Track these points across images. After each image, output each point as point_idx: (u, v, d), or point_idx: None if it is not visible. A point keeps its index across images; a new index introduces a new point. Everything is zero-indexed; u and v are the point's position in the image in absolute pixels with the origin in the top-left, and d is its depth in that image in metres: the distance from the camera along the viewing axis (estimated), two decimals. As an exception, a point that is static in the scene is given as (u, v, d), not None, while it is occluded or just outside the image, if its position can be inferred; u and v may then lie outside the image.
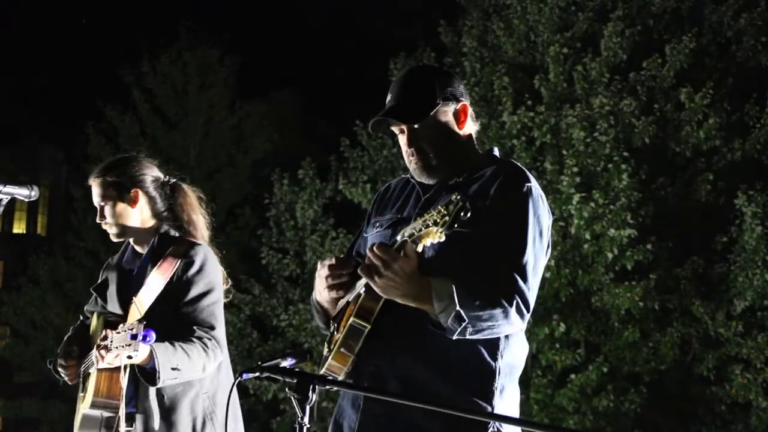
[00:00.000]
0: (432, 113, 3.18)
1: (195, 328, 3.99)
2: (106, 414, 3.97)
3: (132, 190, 4.21)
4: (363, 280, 3.04)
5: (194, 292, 4.04)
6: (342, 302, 3.22)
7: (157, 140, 23.41)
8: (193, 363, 3.91)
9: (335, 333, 3.19)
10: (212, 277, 4.11)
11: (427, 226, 2.79)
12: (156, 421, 3.96)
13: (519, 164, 3.24)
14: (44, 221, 41.21)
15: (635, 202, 13.61)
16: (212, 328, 4.02)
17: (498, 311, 2.94)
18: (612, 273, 13.48)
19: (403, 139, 3.22)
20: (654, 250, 13.57)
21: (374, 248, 2.92)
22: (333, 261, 3.23)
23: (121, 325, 3.77)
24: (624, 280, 13.41)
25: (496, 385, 3.07)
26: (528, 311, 3.00)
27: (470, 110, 3.27)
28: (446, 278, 2.92)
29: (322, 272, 3.24)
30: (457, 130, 3.24)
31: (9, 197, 4.12)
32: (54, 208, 39.37)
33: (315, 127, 24.20)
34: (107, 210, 4.18)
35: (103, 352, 3.76)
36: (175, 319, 3.99)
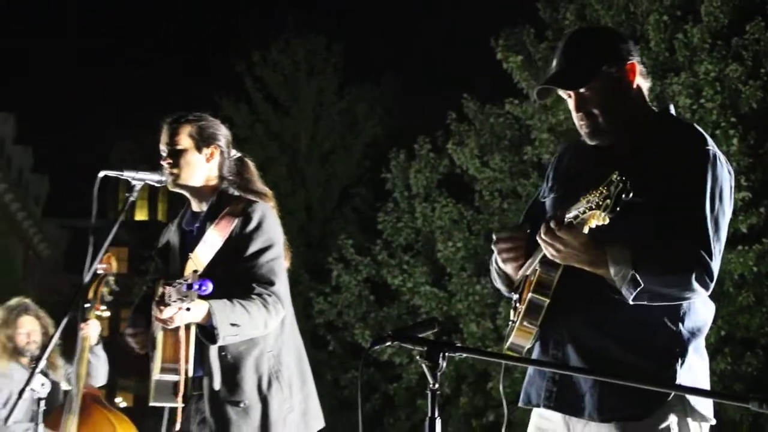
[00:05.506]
0: (596, 77, 3.02)
1: (254, 285, 3.82)
2: (175, 378, 3.82)
3: (211, 145, 4.07)
4: (539, 255, 2.99)
5: (252, 248, 3.88)
6: (521, 273, 3.16)
7: (270, 126, 23.86)
8: (253, 319, 3.74)
9: (518, 304, 3.13)
10: (271, 233, 3.94)
11: (591, 209, 2.70)
12: (218, 382, 3.83)
13: (697, 126, 3.08)
14: (165, 208, 42.17)
15: (745, 167, 13.28)
16: (271, 283, 3.85)
17: (677, 279, 2.85)
18: (724, 238, 13.19)
19: (571, 104, 3.08)
20: (765, 213, 13.25)
21: (547, 231, 2.87)
22: (505, 235, 3.17)
23: (177, 280, 3.64)
24: (736, 245, 13.13)
25: (677, 351, 2.95)
26: (711, 280, 2.86)
27: (639, 67, 3.09)
28: (623, 245, 2.84)
29: (496, 246, 3.19)
30: (625, 90, 3.06)
31: (142, 183, 4.20)
32: (173, 195, 40.12)
33: (423, 108, 24.26)
34: (182, 156, 4.03)
35: (162, 307, 3.61)
36: (234, 278, 3.84)
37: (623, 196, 2.60)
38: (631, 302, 2.85)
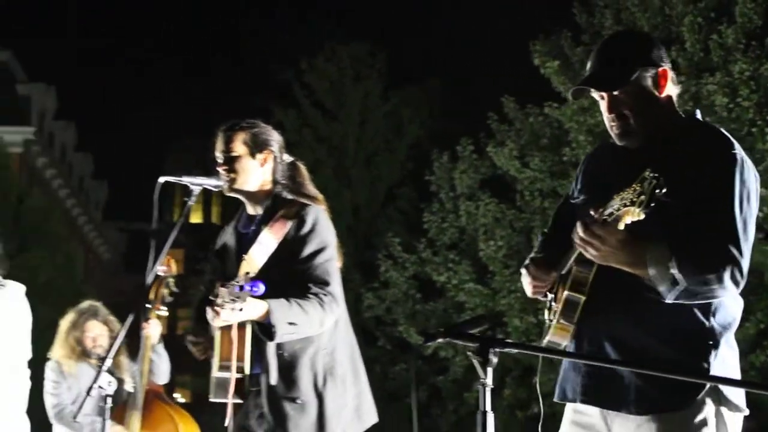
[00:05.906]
0: (630, 80, 3.03)
1: (310, 285, 3.84)
2: (229, 375, 3.84)
3: (265, 151, 4.08)
4: (573, 255, 3.00)
5: (307, 250, 3.89)
6: (555, 274, 3.16)
7: (318, 131, 24.02)
8: (310, 318, 3.77)
9: (553, 303, 3.14)
10: (325, 235, 3.94)
11: (625, 205, 2.70)
12: (274, 378, 3.85)
13: (722, 130, 3.08)
14: (218, 211, 42.51)
15: (780, 163, 13.14)
16: (327, 284, 3.87)
17: (713, 277, 2.83)
18: (761, 233, 13.04)
19: (603, 105, 3.09)
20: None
21: (585, 229, 2.87)
22: (533, 274, 3.19)
23: (231, 281, 3.65)
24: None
25: (711, 344, 2.94)
26: (743, 278, 2.85)
27: (670, 74, 3.09)
28: (662, 244, 2.83)
29: (525, 280, 3.23)
30: (656, 94, 3.05)
31: (200, 188, 4.20)
32: (227, 199, 40.44)
33: (462, 110, 24.28)
34: (237, 162, 4.03)
35: (217, 308, 3.65)
36: (290, 279, 3.85)
37: (657, 191, 2.60)
38: (668, 301, 2.85)
